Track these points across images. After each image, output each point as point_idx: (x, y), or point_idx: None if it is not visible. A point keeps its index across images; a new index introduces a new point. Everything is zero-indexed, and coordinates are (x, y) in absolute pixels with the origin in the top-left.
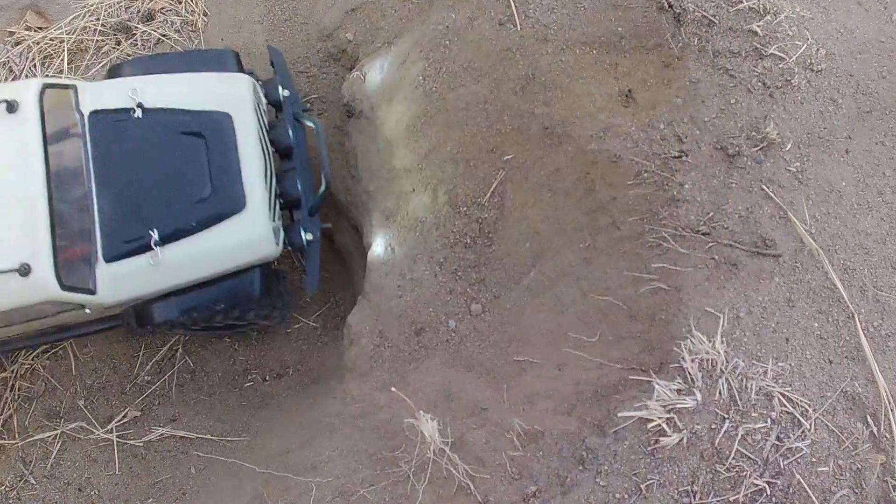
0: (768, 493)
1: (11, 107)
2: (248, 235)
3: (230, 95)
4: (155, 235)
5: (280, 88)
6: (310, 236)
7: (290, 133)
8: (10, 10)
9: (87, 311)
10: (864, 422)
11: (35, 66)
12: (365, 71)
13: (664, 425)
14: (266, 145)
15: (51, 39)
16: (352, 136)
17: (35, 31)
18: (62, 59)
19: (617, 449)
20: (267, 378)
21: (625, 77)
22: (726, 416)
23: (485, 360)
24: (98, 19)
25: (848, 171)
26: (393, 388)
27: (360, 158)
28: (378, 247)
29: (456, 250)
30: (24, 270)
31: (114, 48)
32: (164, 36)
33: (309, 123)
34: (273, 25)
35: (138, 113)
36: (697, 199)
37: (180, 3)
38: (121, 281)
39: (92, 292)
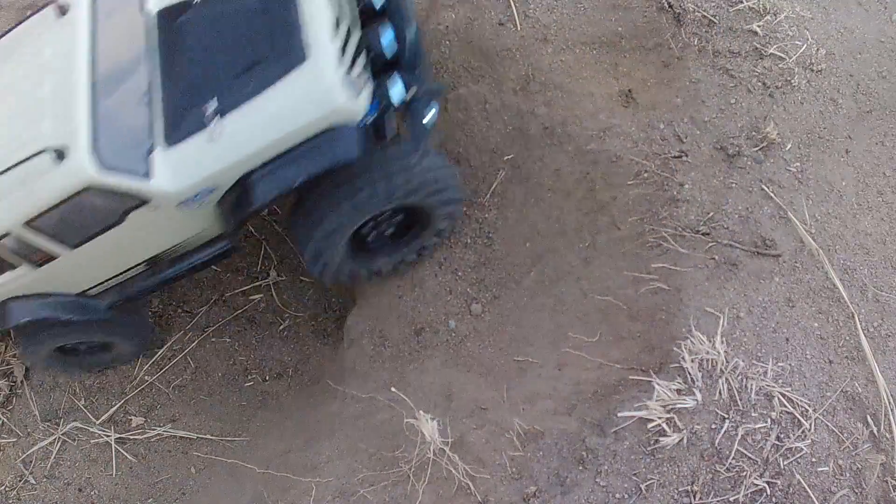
0: (768, 493)
1: (63, 10)
2: (312, 86)
3: None
4: (211, 106)
5: None
6: (402, 90)
7: None
8: (10, 10)
9: (154, 206)
10: (864, 422)
11: None
12: None
13: (664, 425)
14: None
15: None
16: None
17: None
18: None
19: (617, 449)
20: (267, 378)
21: (625, 77)
22: (726, 416)
23: (485, 360)
24: None
25: (848, 171)
26: (393, 388)
27: None
28: None
29: (456, 250)
30: (60, 154)
31: None
32: None
33: None
34: None
35: None
36: (697, 199)
37: None
38: (180, 162)
39: (144, 176)
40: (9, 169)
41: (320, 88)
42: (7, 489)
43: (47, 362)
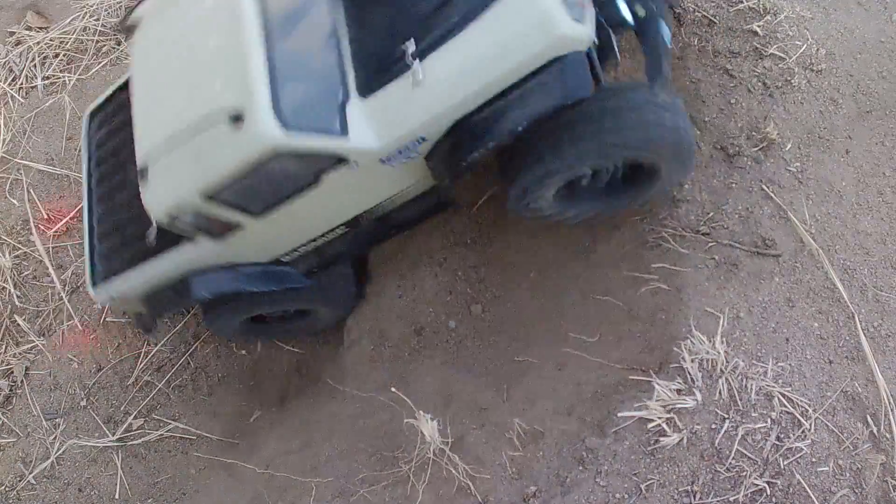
0: (768, 493)
1: None
2: (527, 14)
3: None
4: (411, 47)
5: None
6: (640, 9)
7: None
8: (10, 10)
9: (354, 164)
10: (864, 422)
11: (35, 66)
12: None
13: (664, 425)
14: None
15: (51, 40)
16: None
17: (35, 31)
18: (62, 60)
19: (617, 449)
20: (267, 378)
21: (625, 77)
22: (726, 416)
23: (485, 360)
24: (98, 20)
25: (848, 171)
26: (393, 389)
27: None
28: None
29: (456, 250)
30: (237, 117)
31: (114, 48)
32: None
33: None
34: None
35: None
36: (697, 199)
37: None
38: (380, 114)
39: (339, 133)
40: (177, 137)
41: (538, 15)
42: (7, 489)
43: (236, 335)
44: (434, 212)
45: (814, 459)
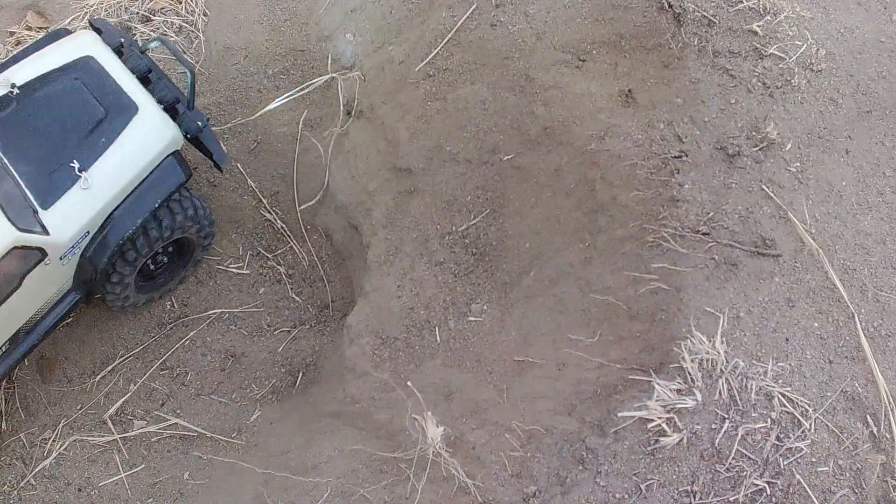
0: (768, 493)
1: None
2: (152, 128)
3: (84, 45)
4: (76, 165)
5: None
6: (199, 123)
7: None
8: (10, 10)
9: (47, 262)
10: (864, 422)
11: None
12: (365, 71)
13: (664, 425)
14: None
15: None
16: (351, 136)
17: (35, 31)
18: None
19: (617, 449)
20: (268, 377)
21: (625, 77)
22: (726, 416)
23: (485, 360)
24: None
25: (848, 171)
26: (408, 383)
27: (360, 158)
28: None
29: (456, 250)
30: None
31: None
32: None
33: (152, 44)
34: (273, 25)
35: (16, 91)
36: (697, 199)
37: (180, 2)
38: (66, 215)
39: (42, 233)
40: None
41: (159, 126)
42: (7, 489)
43: None
44: (71, 311)
45: (814, 459)
